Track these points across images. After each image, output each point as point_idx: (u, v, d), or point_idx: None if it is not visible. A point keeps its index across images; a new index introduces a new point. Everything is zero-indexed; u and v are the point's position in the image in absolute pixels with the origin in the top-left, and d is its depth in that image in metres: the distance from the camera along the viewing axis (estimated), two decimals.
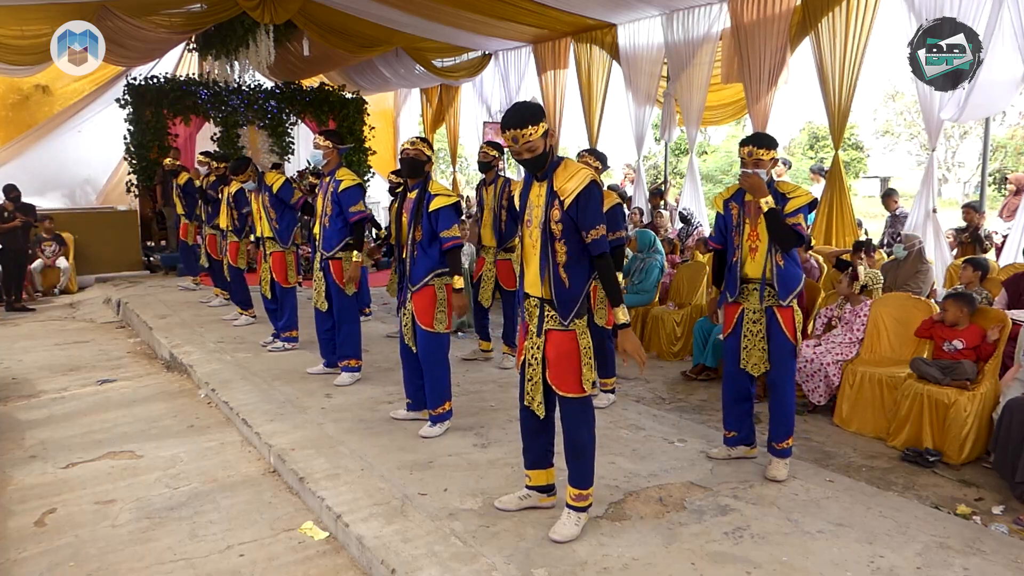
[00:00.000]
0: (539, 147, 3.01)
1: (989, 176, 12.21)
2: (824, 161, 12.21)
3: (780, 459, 3.93)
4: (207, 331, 7.36)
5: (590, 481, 3.26)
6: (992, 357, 4.53)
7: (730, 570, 2.97)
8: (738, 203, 3.97)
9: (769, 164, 3.86)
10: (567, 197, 3.01)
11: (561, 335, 3.13)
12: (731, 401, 4.11)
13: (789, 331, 3.87)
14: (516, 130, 2.98)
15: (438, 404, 4.48)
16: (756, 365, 3.96)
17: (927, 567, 3.01)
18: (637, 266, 7.06)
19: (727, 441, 4.14)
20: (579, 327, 3.14)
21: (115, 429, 5.00)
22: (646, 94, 10.27)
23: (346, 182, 5.32)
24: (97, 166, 13.02)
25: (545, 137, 3.03)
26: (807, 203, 3.84)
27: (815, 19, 7.83)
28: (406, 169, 4.46)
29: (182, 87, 11.96)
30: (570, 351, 3.12)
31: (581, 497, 3.24)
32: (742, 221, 3.94)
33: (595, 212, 3.01)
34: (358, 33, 11.47)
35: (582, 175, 3.02)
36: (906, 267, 6.34)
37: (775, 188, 3.89)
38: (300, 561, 3.30)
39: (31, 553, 3.39)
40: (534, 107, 3.07)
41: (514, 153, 3.05)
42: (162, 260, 11.58)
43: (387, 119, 15.72)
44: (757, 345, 3.94)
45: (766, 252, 3.86)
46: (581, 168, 3.08)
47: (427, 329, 4.42)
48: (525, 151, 3.01)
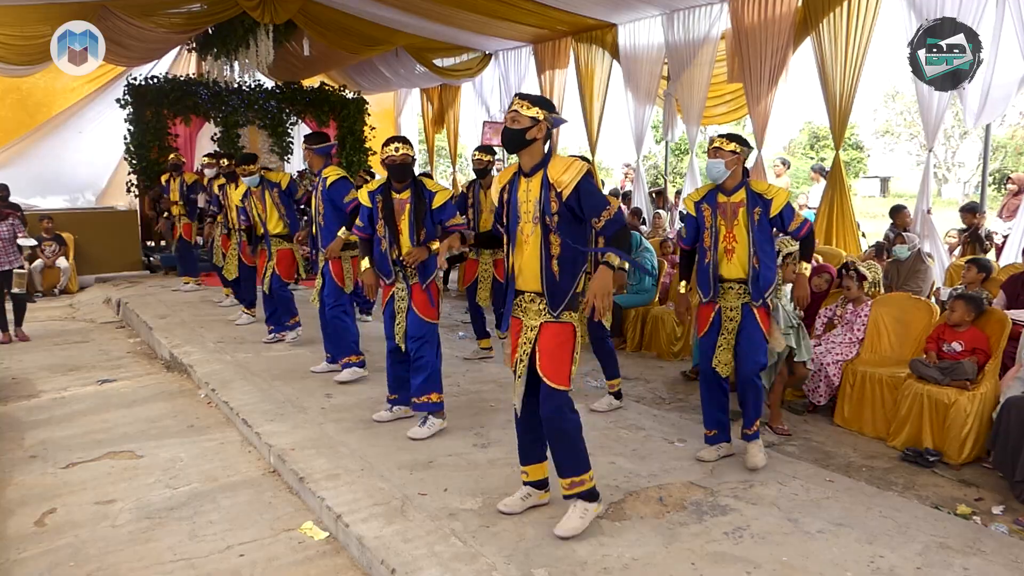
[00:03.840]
0: (521, 122, 3.11)
1: (989, 176, 12.20)
2: (824, 161, 12.21)
3: (753, 443, 4.04)
4: (207, 331, 7.36)
5: (585, 465, 3.22)
6: (992, 357, 4.53)
7: (730, 570, 2.97)
8: (710, 204, 4.01)
9: (728, 155, 3.91)
10: (565, 188, 3.06)
11: (557, 327, 3.16)
12: (708, 400, 4.16)
13: (764, 326, 3.98)
14: (516, 99, 3.15)
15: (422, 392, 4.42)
16: (726, 365, 4.03)
17: (927, 567, 3.01)
18: (629, 268, 7.06)
19: (708, 440, 4.17)
20: (574, 320, 3.18)
21: (115, 429, 4.99)
22: (646, 94, 10.27)
23: (331, 177, 5.44)
24: (97, 166, 13.01)
25: (534, 123, 3.11)
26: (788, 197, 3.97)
27: (816, 19, 7.83)
28: (396, 174, 4.40)
29: (182, 87, 11.96)
30: (564, 343, 3.16)
31: (577, 484, 3.20)
32: (715, 223, 3.98)
33: (599, 196, 3.11)
34: (358, 33, 11.46)
35: (577, 165, 3.09)
36: (906, 267, 6.35)
37: (749, 186, 3.95)
38: (300, 561, 3.30)
39: (31, 553, 3.39)
40: (544, 98, 3.22)
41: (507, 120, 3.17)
42: (162, 260, 11.58)
43: (387, 119, 15.69)
44: (730, 344, 4.02)
45: (746, 254, 3.92)
46: (573, 160, 3.14)
47: (430, 320, 4.48)
48: (509, 120, 3.13)
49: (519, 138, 3.12)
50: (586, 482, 3.23)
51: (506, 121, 3.16)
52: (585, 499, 3.24)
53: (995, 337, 4.57)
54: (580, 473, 3.22)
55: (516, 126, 3.12)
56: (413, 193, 4.41)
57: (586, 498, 3.24)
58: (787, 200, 3.93)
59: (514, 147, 3.17)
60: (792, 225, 3.94)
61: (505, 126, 3.16)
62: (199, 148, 12.03)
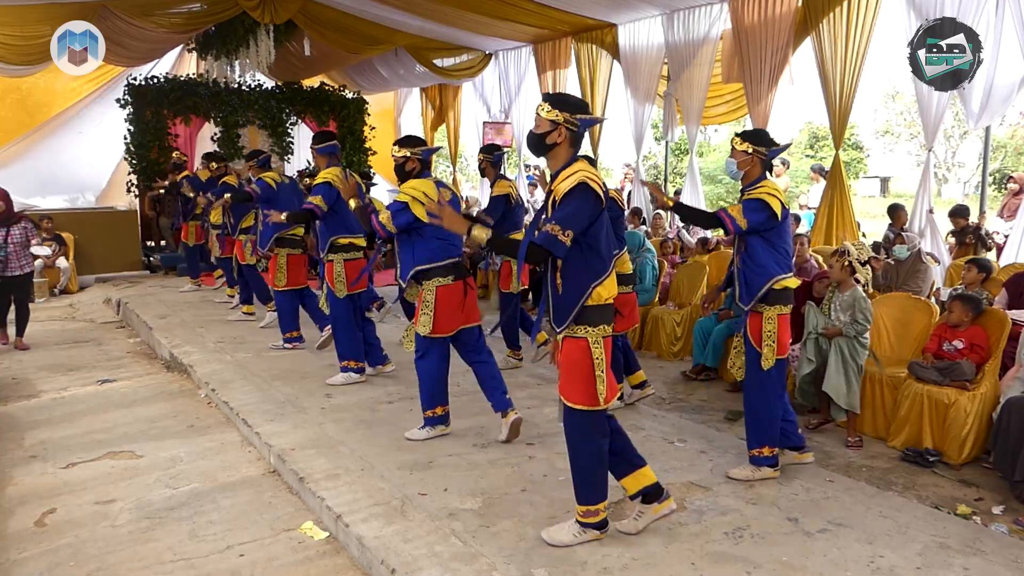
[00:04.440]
0: (541, 127, 3.03)
1: (989, 176, 12.20)
2: (824, 161, 12.20)
3: (748, 464, 3.88)
4: (207, 331, 7.36)
5: (592, 498, 3.12)
6: (992, 357, 4.52)
7: (730, 570, 2.97)
8: None
9: (740, 155, 3.79)
10: (559, 197, 2.99)
11: (570, 343, 3.02)
12: None
13: (754, 338, 3.79)
14: (540, 102, 3.07)
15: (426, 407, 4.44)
16: (740, 369, 3.96)
17: (927, 567, 3.01)
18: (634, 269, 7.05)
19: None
20: (592, 336, 2.99)
21: (115, 429, 5.00)
22: (646, 94, 10.27)
23: (319, 178, 5.48)
24: (97, 166, 13.01)
25: (554, 126, 2.99)
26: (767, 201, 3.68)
27: (816, 19, 7.82)
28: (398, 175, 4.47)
29: (182, 87, 11.96)
30: (577, 360, 3.00)
31: (591, 513, 3.13)
32: None
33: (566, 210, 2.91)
34: (358, 33, 11.45)
35: (576, 176, 2.94)
36: (906, 267, 6.34)
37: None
38: (300, 561, 3.30)
39: (31, 553, 3.39)
40: (569, 97, 3.07)
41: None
42: (162, 260, 11.59)
43: (387, 119, 15.70)
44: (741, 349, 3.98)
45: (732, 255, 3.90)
46: (577, 171, 2.97)
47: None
48: (534, 123, 3.06)
49: (539, 142, 3.04)
50: (600, 512, 3.14)
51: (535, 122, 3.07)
52: (591, 527, 3.14)
53: (995, 337, 4.57)
54: (586, 503, 3.13)
55: (537, 130, 3.04)
56: None
57: (593, 527, 3.15)
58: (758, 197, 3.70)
59: (536, 151, 3.09)
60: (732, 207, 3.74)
61: (531, 130, 3.08)
62: (199, 148, 12.03)
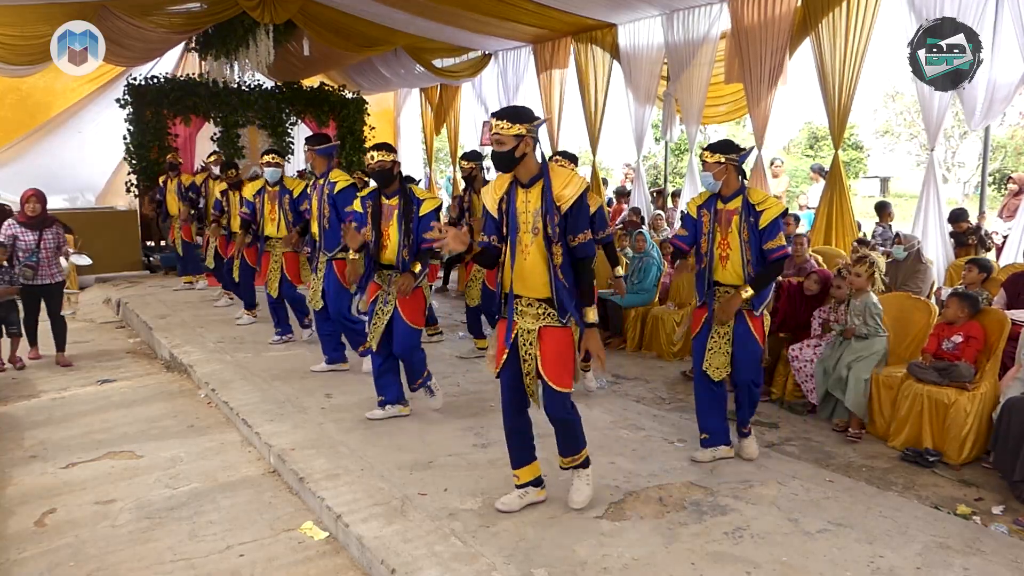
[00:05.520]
0: (507, 143, 3.15)
1: (989, 176, 12.20)
2: (824, 161, 12.20)
3: (746, 439, 4.16)
4: (207, 331, 7.36)
5: (582, 443, 3.49)
6: (992, 357, 4.52)
7: (730, 570, 2.97)
8: (709, 211, 4.03)
9: (713, 167, 3.92)
10: (565, 203, 3.19)
11: (560, 332, 3.29)
12: (701, 402, 4.16)
13: (759, 336, 4.01)
14: (494, 120, 3.21)
15: (419, 377, 4.73)
16: (718, 369, 4.03)
17: (927, 567, 3.01)
18: (636, 265, 7.07)
19: (702, 442, 4.16)
20: (573, 324, 3.32)
21: (115, 429, 5.00)
22: (646, 94, 10.26)
23: (340, 183, 5.46)
24: (97, 166, 12.99)
25: (519, 139, 3.14)
26: (780, 213, 3.92)
27: (815, 19, 7.82)
28: (379, 180, 4.54)
29: (182, 87, 11.95)
30: (567, 347, 3.31)
31: (576, 459, 3.48)
32: (712, 229, 4.00)
33: (584, 219, 3.23)
34: (358, 33, 11.45)
35: (577, 181, 3.24)
36: (905, 267, 6.34)
37: (747, 195, 3.95)
38: (300, 561, 3.30)
39: (31, 553, 3.39)
40: (521, 109, 3.27)
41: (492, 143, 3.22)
42: (162, 260, 11.58)
43: (387, 119, 15.69)
44: (722, 348, 4.01)
45: (740, 261, 3.93)
46: (574, 175, 3.30)
47: (415, 327, 4.59)
48: (495, 142, 3.18)
49: (509, 158, 3.19)
50: (582, 454, 3.50)
51: (492, 143, 3.19)
52: (582, 467, 3.51)
53: (994, 336, 4.57)
54: (579, 450, 3.49)
55: (503, 148, 3.16)
56: (402, 199, 4.52)
57: (582, 466, 3.52)
58: (775, 217, 3.89)
59: (507, 167, 3.22)
60: (769, 244, 3.88)
61: (493, 150, 3.19)
62: (199, 148, 12.03)
